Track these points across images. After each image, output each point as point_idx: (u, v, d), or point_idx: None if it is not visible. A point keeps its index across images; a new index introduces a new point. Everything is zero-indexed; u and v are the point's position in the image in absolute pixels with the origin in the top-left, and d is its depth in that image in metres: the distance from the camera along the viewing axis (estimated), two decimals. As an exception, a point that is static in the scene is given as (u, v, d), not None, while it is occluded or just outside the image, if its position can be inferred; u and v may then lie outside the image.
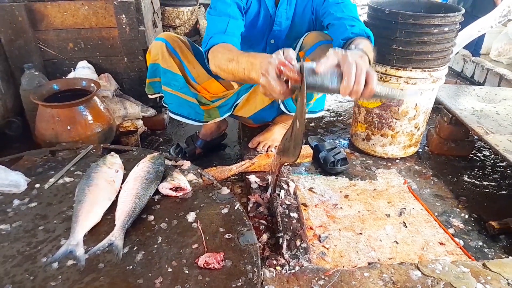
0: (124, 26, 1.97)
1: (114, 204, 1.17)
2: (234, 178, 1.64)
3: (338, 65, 0.87)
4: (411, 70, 1.71)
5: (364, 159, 1.94)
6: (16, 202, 1.20)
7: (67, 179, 1.32)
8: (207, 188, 1.31)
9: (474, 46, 3.55)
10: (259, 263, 1.01)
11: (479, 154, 2.03)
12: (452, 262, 1.11)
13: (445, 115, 1.94)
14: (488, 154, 2.04)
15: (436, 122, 2.04)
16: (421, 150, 2.05)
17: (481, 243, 1.41)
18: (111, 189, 1.22)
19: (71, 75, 1.95)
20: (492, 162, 1.97)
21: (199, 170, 1.40)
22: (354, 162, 1.90)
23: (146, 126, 2.15)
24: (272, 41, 1.57)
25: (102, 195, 1.18)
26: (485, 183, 1.78)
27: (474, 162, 1.96)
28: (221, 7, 1.35)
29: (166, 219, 1.15)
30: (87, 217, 1.10)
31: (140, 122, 2.08)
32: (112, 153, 1.39)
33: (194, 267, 0.99)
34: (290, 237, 1.21)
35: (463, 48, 2.98)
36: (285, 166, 1.65)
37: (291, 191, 1.47)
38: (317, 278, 1.03)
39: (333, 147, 1.84)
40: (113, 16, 1.96)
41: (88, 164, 1.38)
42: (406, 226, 1.46)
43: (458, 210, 1.59)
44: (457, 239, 1.41)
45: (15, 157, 1.44)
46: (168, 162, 1.42)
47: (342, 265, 1.26)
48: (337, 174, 1.78)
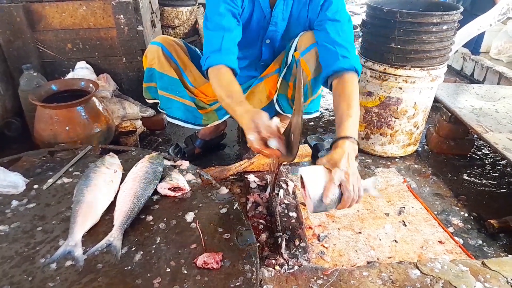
0: (122, 26, 1.97)
1: (113, 204, 1.17)
2: (233, 178, 1.64)
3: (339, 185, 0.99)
4: (410, 69, 1.71)
5: (363, 158, 1.93)
6: (14, 203, 1.20)
7: (66, 180, 1.32)
8: (206, 188, 1.31)
9: (474, 45, 3.55)
10: (258, 263, 1.00)
11: (479, 153, 2.03)
12: (451, 260, 1.10)
13: (444, 114, 1.94)
14: (487, 152, 2.04)
15: (435, 121, 2.04)
16: (420, 149, 2.05)
17: (480, 242, 1.41)
18: (110, 189, 1.21)
19: (70, 76, 1.95)
20: (491, 160, 1.96)
21: (198, 170, 1.39)
22: (353, 161, 1.89)
23: (145, 126, 2.15)
24: (267, 41, 1.57)
25: (100, 196, 1.17)
26: (484, 182, 1.78)
27: (473, 160, 1.96)
28: (215, 20, 1.35)
29: (165, 219, 1.15)
30: (86, 217, 1.09)
31: (139, 122, 2.08)
32: (110, 153, 1.39)
33: (192, 267, 0.98)
34: (289, 236, 1.21)
35: (463, 46, 2.98)
36: (283, 165, 1.65)
37: (290, 191, 1.46)
38: (315, 278, 1.03)
39: (332, 146, 1.83)
40: (111, 16, 1.96)
41: (86, 164, 1.38)
42: (406, 225, 1.46)
43: (457, 208, 1.59)
44: (456, 238, 1.41)
45: (14, 158, 1.44)
46: (166, 162, 1.42)
47: (341, 264, 1.26)
48: (336, 173, 1.77)
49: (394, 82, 1.75)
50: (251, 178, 1.52)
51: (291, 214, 1.32)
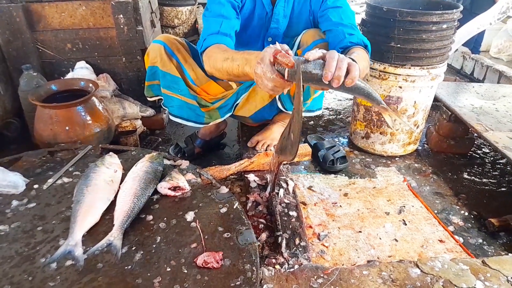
0: (122, 26, 1.97)
1: (113, 204, 1.17)
2: (233, 177, 1.64)
3: (323, 56, 0.91)
4: (410, 68, 1.71)
5: (363, 157, 1.93)
6: (14, 203, 1.20)
7: (66, 180, 1.32)
8: (206, 187, 1.31)
9: (474, 43, 3.55)
10: (258, 262, 1.00)
11: (479, 151, 2.03)
12: (451, 259, 1.10)
13: (444, 113, 1.94)
14: (487, 151, 2.04)
15: (435, 120, 2.04)
16: (420, 148, 2.04)
17: (480, 240, 1.41)
18: (110, 189, 1.22)
19: (70, 76, 1.95)
20: (491, 159, 1.96)
21: (198, 170, 1.39)
22: (353, 160, 1.89)
23: (145, 126, 2.15)
24: (269, 39, 1.57)
25: (100, 195, 1.17)
26: (484, 180, 1.78)
27: (473, 159, 1.96)
28: (215, 9, 1.37)
29: (165, 219, 1.15)
30: (86, 217, 1.09)
31: (139, 122, 2.08)
32: (110, 153, 1.39)
33: (192, 267, 0.98)
34: (289, 235, 1.21)
35: (463, 45, 2.98)
36: (284, 164, 1.65)
37: (290, 190, 1.46)
38: (316, 277, 1.03)
39: (332, 146, 1.84)
40: (110, 16, 1.96)
41: (86, 164, 1.38)
42: (406, 224, 1.46)
43: (457, 207, 1.59)
44: (456, 237, 1.41)
45: (14, 158, 1.44)
46: (166, 162, 1.42)
47: (342, 263, 1.26)
48: (336, 172, 1.77)
49: (394, 81, 1.75)
50: (251, 177, 1.52)
51: (291, 213, 1.32)
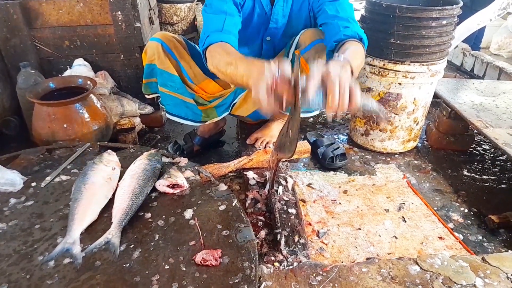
0: (120, 23, 1.96)
1: (111, 201, 1.16)
2: (232, 174, 1.63)
3: (323, 81, 0.88)
4: (409, 64, 1.70)
5: (363, 154, 1.93)
6: (12, 201, 1.19)
7: (64, 177, 1.31)
8: (205, 185, 1.31)
9: (474, 40, 3.53)
10: (257, 260, 1.00)
11: (479, 148, 2.02)
12: (451, 256, 1.10)
13: (444, 109, 1.93)
14: (487, 148, 2.03)
15: (435, 116, 2.03)
16: (420, 145, 2.04)
17: (480, 237, 1.41)
18: (108, 187, 1.21)
19: (67, 73, 1.94)
20: (491, 156, 1.96)
21: (197, 167, 1.39)
22: (353, 158, 1.89)
23: (144, 124, 2.14)
24: (268, 38, 1.56)
25: (98, 193, 1.17)
26: (484, 177, 1.77)
27: (473, 156, 1.95)
28: (217, 4, 1.33)
29: (163, 217, 1.15)
30: (84, 215, 1.09)
31: (137, 120, 2.07)
32: (108, 150, 1.38)
33: (191, 264, 0.98)
34: (288, 233, 1.21)
35: (463, 41, 2.96)
36: (283, 162, 1.65)
37: (289, 187, 1.46)
38: (315, 274, 1.02)
39: (331, 143, 1.83)
40: (108, 13, 1.95)
41: (84, 162, 1.37)
42: (405, 221, 1.45)
43: (457, 204, 1.59)
44: (456, 234, 1.40)
45: (12, 155, 1.43)
46: (165, 159, 1.42)
47: (341, 260, 1.25)
48: (335, 169, 1.77)
49: (393, 78, 1.74)
50: (250, 175, 1.52)
51: (290, 210, 1.32)
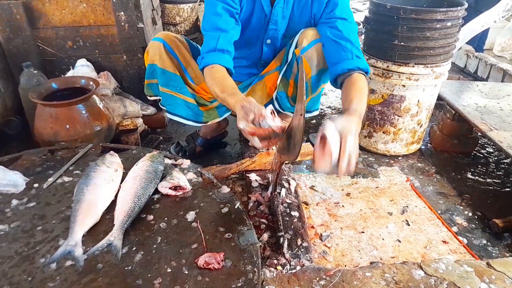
0: (122, 24, 1.96)
1: (113, 203, 1.16)
2: (234, 176, 1.62)
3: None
4: (413, 66, 1.69)
5: (366, 157, 1.92)
6: (14, 202, 1.19)
7: (66, 179, 1.31)
8: (207, 187, 1.30)
9: (478, 41, 3.51)
10: (260, 263, 0.99)
11: (483, 151, 2.01)
12: (455, 261, 1.09)
13: (448, 112, 1.92)
14: (491, 151, 2.02)
15: (439, 119, 2.02)
16: (423, 147, 2.03)
17: (485, 241, 1.39)
18: (110, 188, 1.20)
19: (70, 73, 1.94)
20: (495, 159, 1.94)
21: (199, 169, 1.38)
22: (356, 160, 1.88)
23: (146, 125, 2.13)
24: (268, 41, 1.54)
25: (101, 195, 1.16)
26: (488, 180, 1.76)
27: (477, 159, 1.94)
28: (212, 20, 1.35)
29: (166, 219, 1.14)
30: (86, 217, 1.08)
31: (140, 121, 2.07)
32: (111, 152, 1.38)
33: (193, 267, 0.97)
34: (291, 236, 1.20)
35: (466, 43, 2.95)
36: (285, 164, 1.64)
37: (292, 190, 1.45)
38: (318, 278, 1.02)
39: (334, 145, 1.82)
40: (111, 13, 1.94)
41: (87, 163, 1.37)
42: (409, 225, 1.44)
43: (461, 207, 1.57)
44: (460, 237, 1.39)
45: (14, 156, 1.43)
46: (167, 161, 1.41)
47: (344, 264, 1.24)
48: (338, 171, 1.76)
49: (397, 80, 1.73)
50: (253, 177, 1.51)
51: (293, 213, 1.31)
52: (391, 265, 1.07)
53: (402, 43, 1.67)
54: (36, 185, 1.27)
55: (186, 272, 0.96)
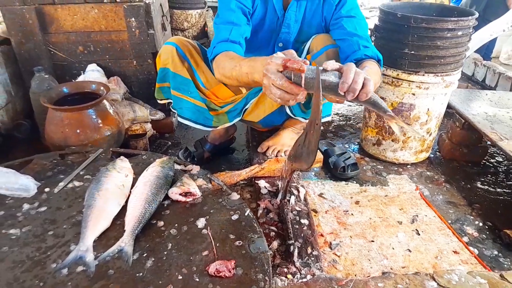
0: (133, 30, 1.98)
1: (124, 209, 1.16)
2: (243, 183, 1.62)
3: (340, 68, 0.91)
4: (424, 75, 1.68)
5: (374, 164, 1.91)
6: (25, 207, 1.19)
7: (77, 183, 1.31)
8: (217, 193, 1.30)
9: (485, 50, 3.51)
10: (271, 272, 0.98)
11: (492, 160, 2.00)
12: (468, 272, 1.08)
13: (457, 120, 1.91)
14: (501, 160, 2.00)
15: (448, 127, 2.01)
16: (432, 156, 2.02)
17: (496, 252, 1.38)
18: (121, 193, 1.20)
19: (81, 78, 1.95)
20: (505, 168, 1.93)
21: (209, 175, 1.38)
22: (364, 168, 1.87)
23: (155, 130, 2.14)
24: (280, 44, 1.56)
25: (112, 200, 1.16)
26: (499, 190, 1.74)
27: (487, 168, 1.93)
28: (225, 15, 1.37)
29: (176, 225, 1.14)
30: (97, 222, 1.08)
31: (148, 126, 2.08)
32: (121, 157, 1.38)
33: (204, 275, 0.97)
34: (301, 244, 1.19)
35: (474, 51, 2.94)
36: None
37: (302, 197, 1.45)
38: (329, 288, 1.01)
39: (343, 152, 1.82)
40: (122, 19, 1.96)
41: (97, 168, 1.37)
42: (419, 234, 1.43)
43: (471, 217, 1.56)
44: (471, 248, 1.38)
45: (25, 160, 1.44)
46: (177, 167, 1.41)
47: (354, 273, 1.23)
48: (347, 179, 1.75)
49: (407, 88, 1.73)
50: (262, 183, 1.50)
51: (303, 221, 1.30)
52: (404, 275, 1.06)
53: (412, 52, 1.67)
54: (47, 189, 1.27)
55: (197, 279, 0.95)
